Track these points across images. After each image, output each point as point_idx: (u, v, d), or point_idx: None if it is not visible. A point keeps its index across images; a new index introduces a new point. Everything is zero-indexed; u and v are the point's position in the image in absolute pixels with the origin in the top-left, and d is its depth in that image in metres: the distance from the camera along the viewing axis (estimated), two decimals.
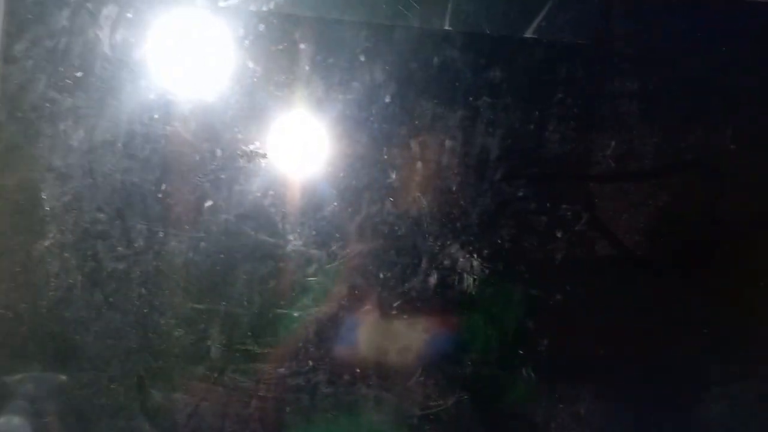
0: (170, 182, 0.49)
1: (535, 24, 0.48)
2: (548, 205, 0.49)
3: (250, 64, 0.49)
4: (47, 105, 0.49)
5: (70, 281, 0.49)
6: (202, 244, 0.49)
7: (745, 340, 0.47)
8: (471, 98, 0.49)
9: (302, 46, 0.49)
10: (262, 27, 0.49)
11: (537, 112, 0.49)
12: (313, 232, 0.49)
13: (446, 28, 0.49)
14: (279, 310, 0.48)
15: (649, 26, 0.48)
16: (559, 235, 0.48)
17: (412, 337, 0.49)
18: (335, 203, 0.49)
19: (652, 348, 0.48)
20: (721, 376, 0.47)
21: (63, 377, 0.49)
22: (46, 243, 0.49)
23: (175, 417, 0.48)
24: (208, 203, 0.49)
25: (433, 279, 0.49)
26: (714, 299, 0.48)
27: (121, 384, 0.49)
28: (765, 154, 0.48)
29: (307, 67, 0.49)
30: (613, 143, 0.48)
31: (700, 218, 0.48)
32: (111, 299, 0.49)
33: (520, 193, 0.49)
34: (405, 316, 0.49)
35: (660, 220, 0.48)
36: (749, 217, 0.48)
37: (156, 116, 0.49)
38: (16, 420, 0.49)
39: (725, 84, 0.48)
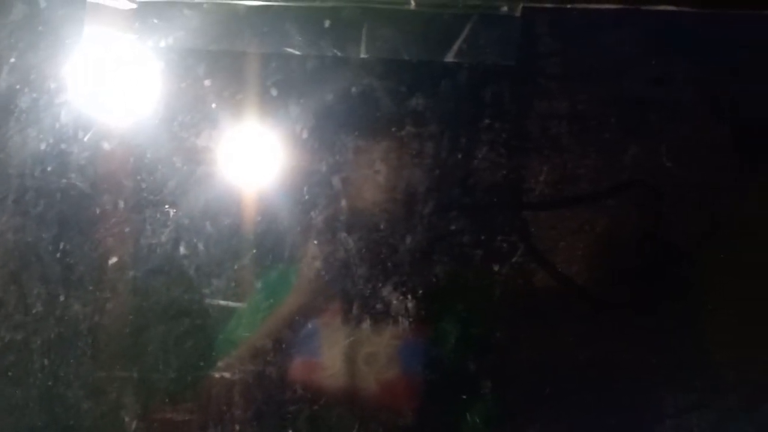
0: (69, 239, 0.44)
1: (455, 47, 0.46)
2: (483, 237, 0.46)
3: (152, 105, 0.45)
4: None
5: None
6: (109, 305, 0.44)
7: (696, 367, 0.45)
8: (394, 128, 0.46)
9: (207, 82, 0.45)
10: (162, 64, 0.45)
11: (464, 140, 0.46)
12: (232, 284, 0.45)
13: (362, 56, 0.46)
14: (199, 372, 0.44)
15: (574, 44, 0.46)
16: (496, 268, 0.46)
17: (346, 391, 0.45)
18: (254, 250, 0.45)
19: (599, 381, 0.45)
20: (673, 407, 0.45)
21: None
22: None
23: None
24: (113, 260, 0.44)
25: (366, 325, 0.45)
26: (661, 325, 0.45)
27: None
28: (702, 170, 0.46)
29: (214, 105, 0.45)
30: (545, 168, 0.46)
31: (641, 241, 0.46)
32: (10, 373, 0.44)
33: (453, 227, 0.46)
34: (338, 368, 0.45)
35: (599, 245, 0.46)
36: (691, 237, 0.46)
37: (49, 168, 0.45)
38: None
39: (656, 99, 0.46)
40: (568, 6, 0.45)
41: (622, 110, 0.46)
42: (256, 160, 0.45)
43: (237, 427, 0.44)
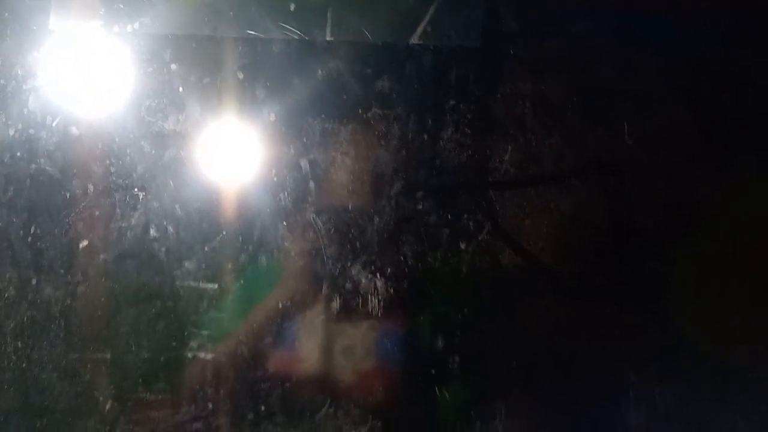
0: (39, 224, 0.45)
1: (420, 30, 0.46)
2: (449, 216, 0.46)
3: (119, 90, 0.45)
4: None
5: None
6: (80, 288, 0.45)
7: (659, 342, 0.46)
8: (360, 110, 0.46)
9: (174, 66, 0.45)
10: (128, 49, 0.45)
11: (430, 121, 0.47)
12: (203, 266, 0.45)
13: (328, 38, 0.46)
14: (171, 353, 0.45)
15: (538, 26, 0.46)
16: (462, 246, 0.46)
17: (317, 368, 0.46)
18: (224, 232, 0.46)
19: (564, 355, 0.47)
20: (636, 379, 0.46)
21: None
22: None
23: None
24: (84, 243, 0.45)
25: (335, 304, 0.46)
26: (624, 301, 0.47)
27: None
28: (663, 149, 0.47)
29: (181, 89, 0.46)
30: (510, 147, 0.47)
31: (603, 219, 0.47)
32: None
33: (420, 206, 0.46)
34: (308, 346, 0.46)
35: (563, 224, 0.47)
36: (652, 216, 0.47)
37: (18, 154, 0.45)
38: None
39: (620, 81, 0.47)
40: None
41: (586, 92, 0.47)
42: (224, 144, 0.46)
43: (210, 406, 0.45)
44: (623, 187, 0.47)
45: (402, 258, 0.47)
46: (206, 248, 0.45)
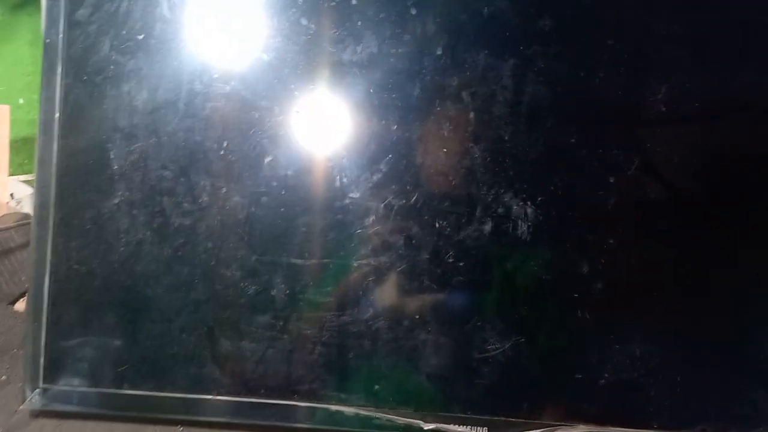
0: (231, 140, 0.51)
1: None
2: (600, 150, 0.49)
3: (303, 22, 0.50)
4: (111, 67, 0.51)
5: (139, 237, 0.51)
6: (264, 198, 0.50)
7: None
8: (521, 48, 0.50)
9: (354, 1, 0.50)
10: None
11: (588, 59, 0.49)
12: (370, 185, 0.50)
13: None
14: (339, 261, 0.50)
15: None
16: (611, 180, 0.49)
17: (467, 284, 0.50)
18: (390, 156, 0.50)
19: (704, 288, 0.49)
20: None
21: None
22: (116, 201, 0.51)
23: (244, 364, 0.51)
24: (268, 159, 0.50)
25: (487, 228, 0.50)
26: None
27: (191, 334, 0.51)
28: None
29: (359, 23, 0.50)
30: (664, 87, 0.49)
31: (753, 160, 0.49)
32: (179, 253, 0.51)
33: (573, 140, 0.49)
34: (460, 264, 0.50)
35: (711, 162, 0.49)
36: None
37: (215, 76, 0.51)
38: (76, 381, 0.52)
39: None
40: None
41: (740, 33, 0.48)
42: (394, 74, 0.50)
43: (371, 310, 0.50)
44: None
45: (552, 188, 0.50)
46: (374, 168, 0.50)
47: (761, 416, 0.48)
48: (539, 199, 0.50)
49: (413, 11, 0.50)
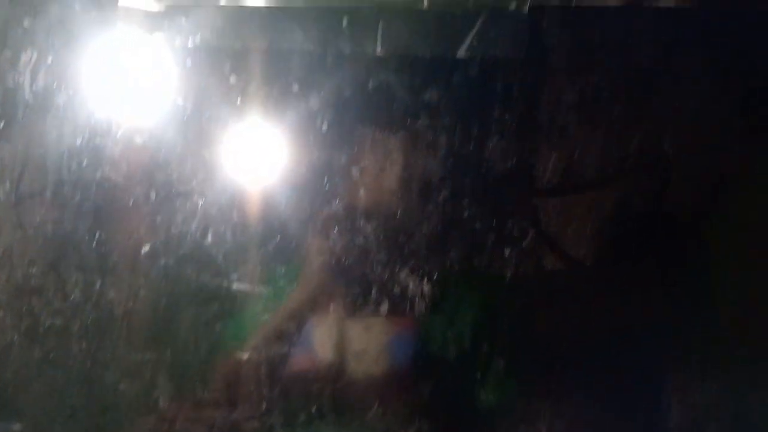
0: (104, 229, 0.47)
1: (467, 43, 0.48)
2: (494, 223, 0.48)
3: (180, 101, 0.48)
4: None
5: (7, 340, 0.47)
6: (142, 291, 0.47)
7: (706, 337, 0.47)
8: (409, 120, 0.48)
9: (232, 79, 0.48)
10: (189, 62, 0.48)
11: (476, 130, 0.48)
12: (258, 269, 0.47)
13: (379, 52, 0.48)
14: (227, 353, 0.47)
15: (579, 38, 0.48)
16: (507, 252, 0.48)
17: (367, 369, 0.47)
18: (278, 237, 0.48)
19: (608, 354, 0.48)
20: (684, 377, 0.47)
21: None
22: None
23: None
24: (146, 248, 0.47)
25: (384, 307, 0.48)
26: (665, 301, 0.48)
27: None
28: (707, 153, 0.48)
29: (239, 100, 0.48)
30: (554, 155, 0.48)
31: (644, 222, 0.48)
32: (51, 355, 0.47)
33: (466, 213, 0.48)
34: (359, 349, 0.48)
35: (606, 227, 0.48)
36: (693, 216, 0.48)
37: (84, 162, 0.47)
38: None
39: (659, 88, 0.48)
40: (573, 3, 0.48)
41: (626, 99, 0.48)
42: (279, 153, 0.48)
43: (264, 405, 0.47)
44: (664, 190, 0.48)
45: (448, 263, 0.48)
46: (262, 252, 0.47)
47: None
48: (435, 274, 0.48)
49: (295, 87, 0.48)
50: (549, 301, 0.48)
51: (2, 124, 0.47)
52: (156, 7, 0.48)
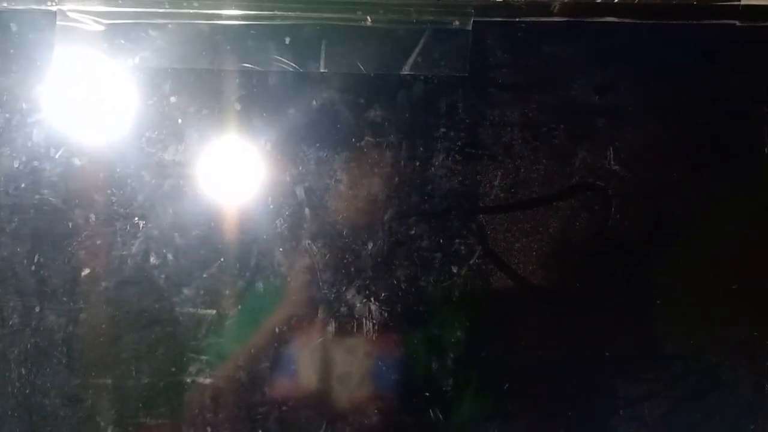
0: (43, 253, 0.46)
1: (410, 61, 0.48)
2: (441, 241, 0.48)
3: (120, 122, 0.47)
4: None
5: None
6: (83, 315, 0.46)
7: (646, 359, 0.47)
8: (354, 139, 0.48)
9: (173, 99, 0.47)
10: (129, 82, 0.47)
11: (421, 148, 0.48)
12: (201, 292, 0.47)
13: (322, 70, 0.48)
14: (171, 378, 0.46)
15: (523, 55, 0.48)
16: (455, 270, 0.48)
17: (313, 393, 0.47)
18: (222, 259, 0.47)
19: (554, 376, 0.47)
20: (626, 397, 0.47)
21: None
22: None
23: None
24: (86, 272, 0.46)
25: (331, 328, 0.47)
26: (611, 321, 0.48)
27: None
28: (647, 171, 0.48)
29: (180, 120, 0.47)
30: (499, 173, 0.48)
31: (591, 237, 0.48)
32: None
33: (412, 232, 0.48)
34: (305, 370, 0.47)
35: (552, 245, 0.48)
36: (638, 235, 0.48)
37: (22, 185, 0.46)
38: None
39: (602, 106, 0.48)
40: (517, 20, 0.48)
41: (571, 117, 0.48)
42: (221, 173, 0.47)
43: (209, 430, 0.46)
44: (609, 207, 0.48)
45: (395, 282, 0.48)
46: (205, 275, 0.47)
47: None
48: (383, 294, 0.48)
49: (238, 106, 0.47)
50: (497, 319, 0.48)
51: None
52: (96, 27, 0.47)
